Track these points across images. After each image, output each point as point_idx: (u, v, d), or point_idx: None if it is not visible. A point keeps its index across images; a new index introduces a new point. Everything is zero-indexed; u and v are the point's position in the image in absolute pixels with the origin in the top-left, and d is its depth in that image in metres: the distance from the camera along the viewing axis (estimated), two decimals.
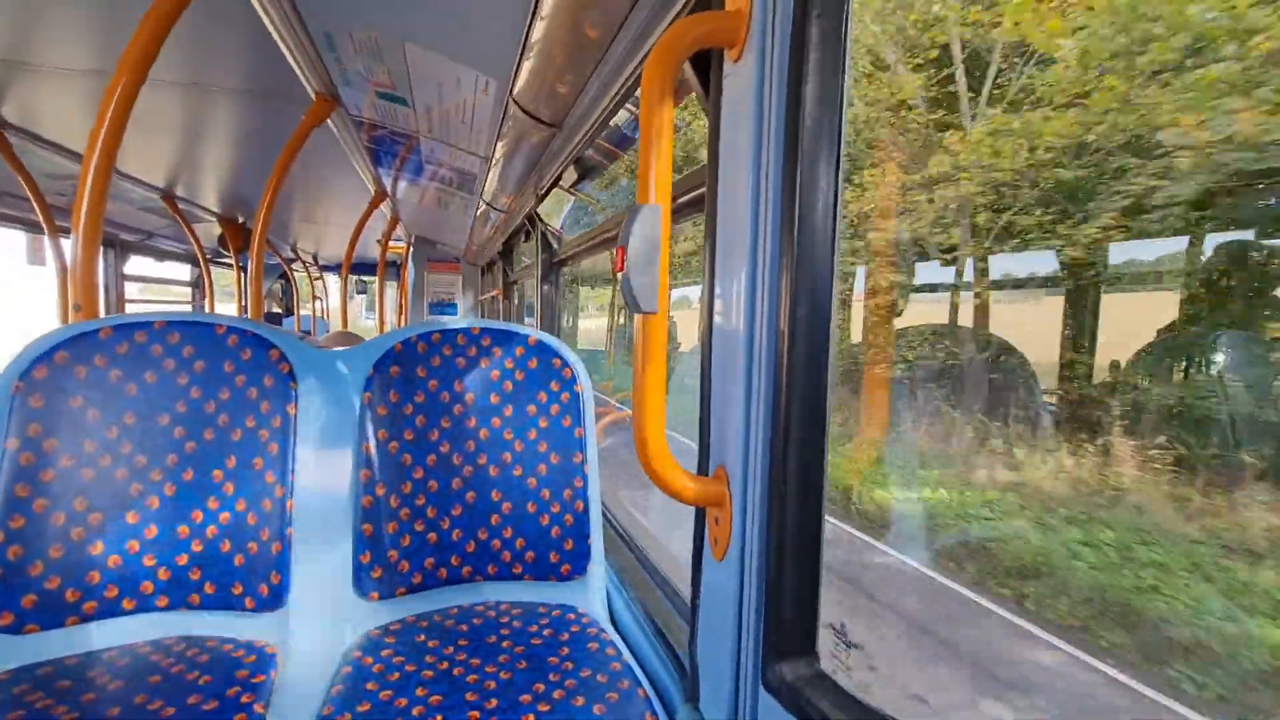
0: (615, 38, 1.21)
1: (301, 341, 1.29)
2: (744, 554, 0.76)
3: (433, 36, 1.59)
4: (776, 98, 0.69)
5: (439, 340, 1.33)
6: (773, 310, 0.70)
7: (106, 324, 1.16)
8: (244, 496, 1.17)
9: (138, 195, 3.86)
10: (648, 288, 0.70)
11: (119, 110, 1.47)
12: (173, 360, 1.18)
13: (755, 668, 0.75)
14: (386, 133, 2.57)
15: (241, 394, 1.20)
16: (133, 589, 1.10)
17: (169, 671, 0.98)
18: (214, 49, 1.88)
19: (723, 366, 0.80)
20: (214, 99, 2.30)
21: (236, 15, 1.56)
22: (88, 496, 1.09)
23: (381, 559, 1.20)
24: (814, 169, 0.67)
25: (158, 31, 1.44)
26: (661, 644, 1.13)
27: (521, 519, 1.29)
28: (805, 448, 0.70)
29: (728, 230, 0.78)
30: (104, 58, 1.92)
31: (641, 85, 0.70)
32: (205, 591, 1.13)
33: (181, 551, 1.13)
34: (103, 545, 1.09)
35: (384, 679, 0.98)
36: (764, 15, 0.69)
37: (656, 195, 0.70)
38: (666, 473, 0.76)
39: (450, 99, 1.96)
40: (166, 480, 1.14)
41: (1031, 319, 5.60)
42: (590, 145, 1.83)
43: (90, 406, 1.12)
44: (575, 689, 0.95)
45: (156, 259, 6.39)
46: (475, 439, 1.30)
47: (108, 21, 1.69)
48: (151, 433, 1.15)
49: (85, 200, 1.49)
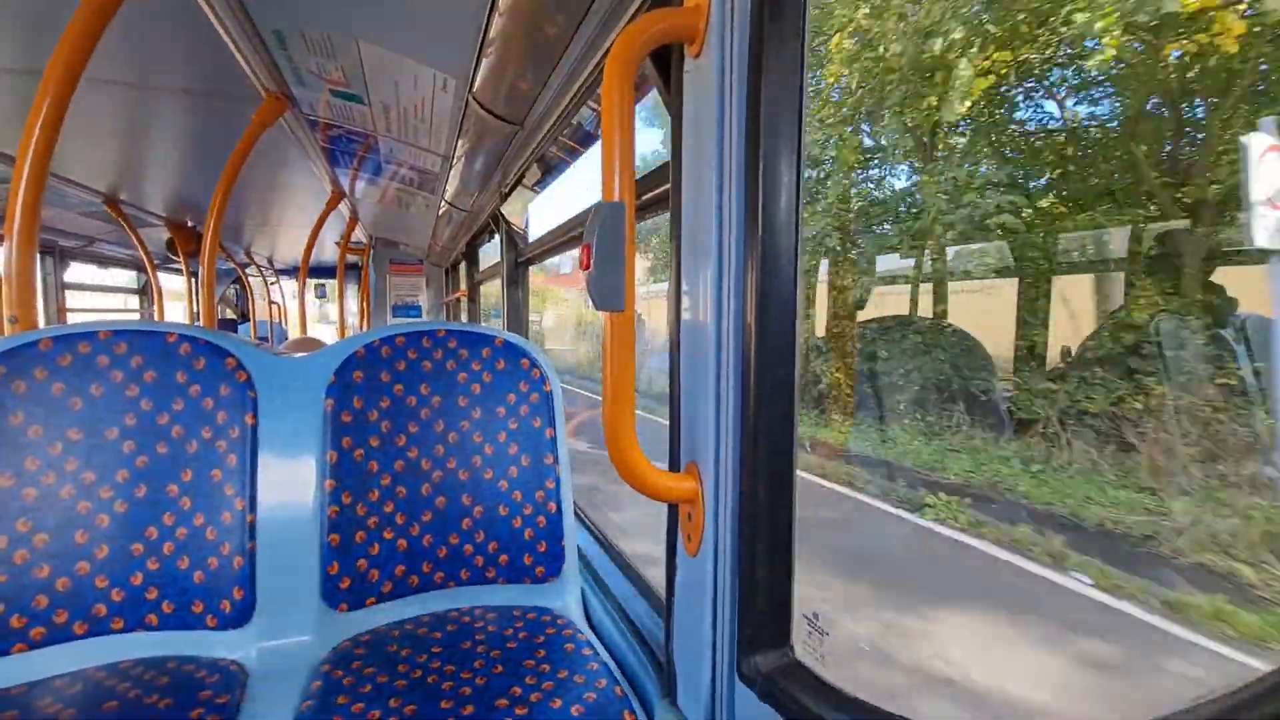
0: (575, 34, 1.20)
1: (258, 348, 1.24)
2: (717, 548, 0.76)
3: (387, 34, 1.56)
4: (737, 93, 0.69)
5: (403, 343, 1.30)
6: (739, 305, 0.71)
7: (46, 335, 1.10)
8: (202, 511, 1.12)
9: (77, 199, 3.67)
10: (614, 285, 0.69)
11: (52, 111, 1.40)
12: (120, 371, 1.13)
13: (730, 660, 0.76)
14: (343, 132, 2.50)
15: (196, 404, 1.16)
16: (84, 612, 1.05)
17: (125, 697, 0.93)
18: (156, 47, 1.80)
19: (691, 362, 0.80)
20: (158, 99, 2.21)
21: (179, 12, 1.50)
22: (30, 517, 1.04)
23: (350, 569, 1.17)
24: (775, 163, 0.67)
25: (91, 28, 1.37)
26: (638, 641, 1.13)
27: (494, 522, 1.27)
28: (774, 440, 0.71)
29: (693, 226, 0.79)
30: (34, 55, 1.82)
31: (603, 82, 0.70)
32: (163, 611, 1.09)
33: (136, 571, 1.08)
34: (49, 568, 1.04)
35: (356, 692, 0.95)
36: (722, 11, 0.69)
37: (620, 192, 0.70)
38: (638, 470, 0.76)
39: (408, 97, 1.92)
40: (117, 497, 1.09)
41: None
42: (553, 143, 1.82)
43: (31, 422, 1.06)
44: (552, 690, 0.95)
45: (100, 266, 6.12)
46: (444, 443, 1.28)
47: (37, 18, 1.61)
48: (99, 448, 1.10)
49: (18, 205, 1.41)
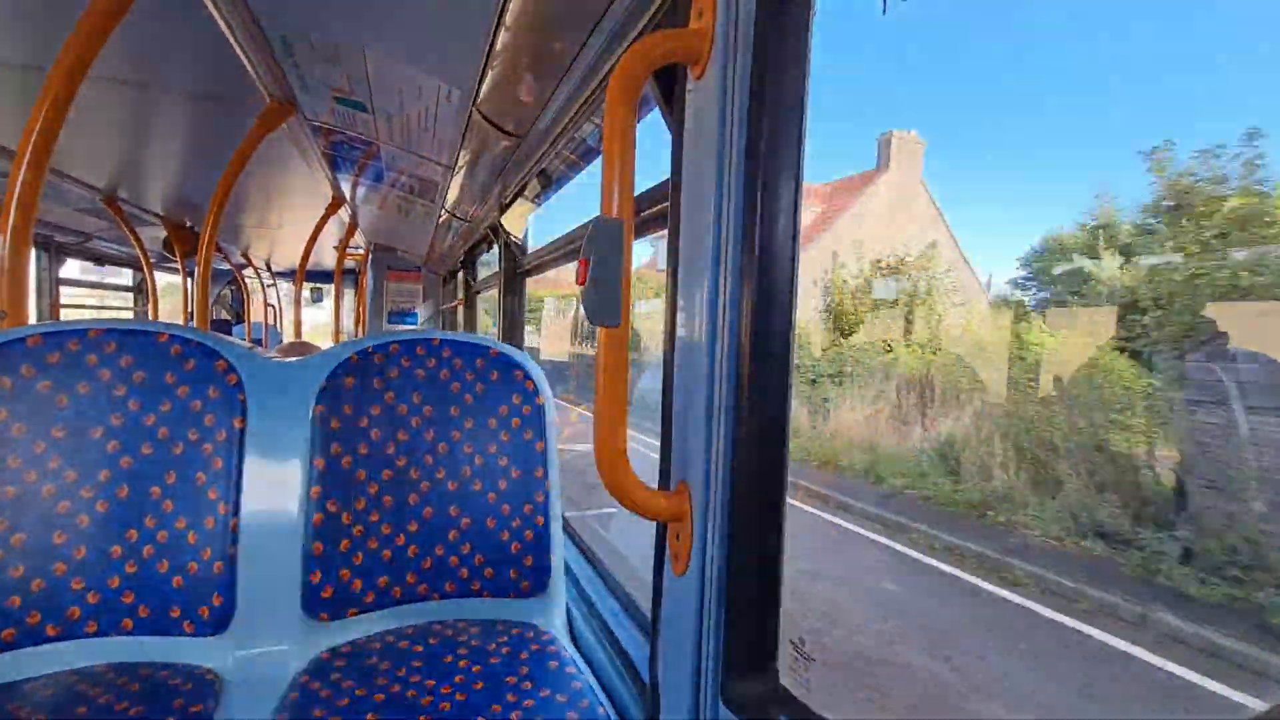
0: (580, 51, 1.21)
1: (251, 351, 1.23)
2: (704, 569, 0.76)
3: (394, 43, 1.57)
4: (739, 115, 0.70)
5: (397, 351, 1.29)
6: (734, 325, 0.71)
7: (36, 331, 1.09)
8: (184, 514, 1.11)
9: (76, 195, 3.67)
10: (610, 301, 0.69)
11: (55, 107, 1.40)
12: (109, 370, 1.11)
13: (715, 683, 0.75)
14: (345, 138, 2.51)
15: (184, 406, 1.14)
16: (58, 614, 1.03)
17: (96, 702, 0.91)
18: (164, 48, 1.81)
19: (685, 381, 0.80)
20: (163, 99, 2.21)
21: (189, 16, 1.51)
22: (8, 516, 1.02)
23: (333, 578, 1.15)
24: (775, 186, 0.68)
25: (100, 27, 1.38)
26: (622, 661, 1.12)
27: (480, 534, 1.26)
28: (766, 462, 0.71)
29: (690, 245, 0.79)
30: (41, 52, 1.83)
31: (606, 99, 0.71)
32: (139, 615, 1.07)
33: (113, 573, 1.06)
34: (24, 568, 1.02)
35: (333, 705, 0.93)
36: (727, 34, 0.70)
37: (619, 209, 0.70)
38: (627, 487, 0.76)
39: (412, 106, 1.93)
40: (98, 497, 1.07)
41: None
42: (554, 157, 1.83)
43: (15, 420, 1.05)
44: (534, 709, 0.93)
45: (96, 263, 6.09)
46: (433, 453, 1.27)
47: (47, 14, 1.61)
48: (83, 447, 1.08)
49: (15, 199, 1.41)
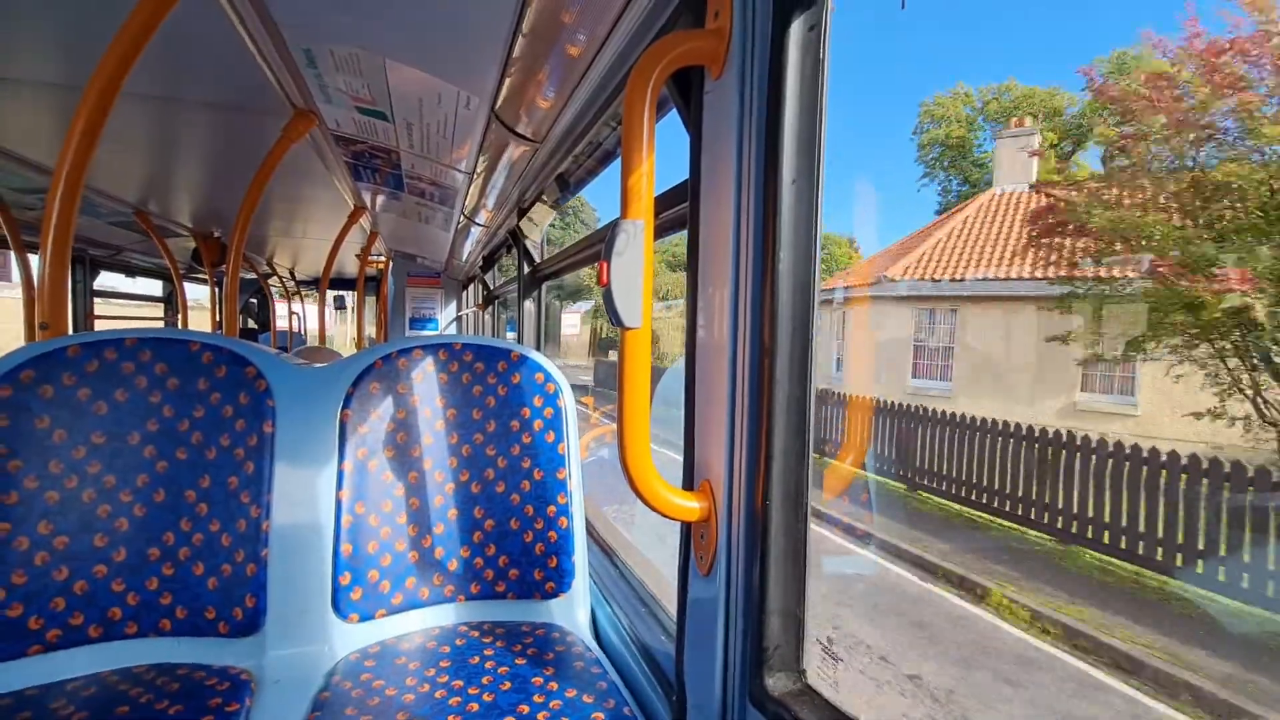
0: (597, 55, 1.22)
1: (279, 358, 1.26)
2: (730, 569, 0.76)
3: (414, 52, 1.59)
4: (757, 115, 0.70)
5: (420, 356, 1.31)
6: (755, 325, 0.71)
7: (74, 341, 1.13)
8: (218, 517, 1.14)
9: (108, 210, 3.78)
10: (631, 302, 0.70)
11: (91, 125, 1.44)
12: (144, 378, 1.15)
13: (742, 683, 0.75)
14: (366, 147, 2.55)
15: (216, 412, 1.17)
16: (100, 615, 1.06)
17: (138, 702, 0.94)
18: (190, 64, 1.86)
19: (706, 381, 0.80)
20: (190, 113, 2.27)
21: (214, 31, 1.55)
22: (53, 520, 1.06)
23: (362, 579, 1.17)
24: (794, 186, 0.68)
25: (131, 47, 1.42)
26: (648, 661, 1.12)
27: (505, 536, 1.27)
28: (788, 461, 0.70)
29: (709, 246, 0.79)
30: (76, 72, 1.89)
31: (624, 102, 0.71)
32: (177, 617, 1.10)
33: (152, 575, 1.09)
34: (68, 570, 1.05)
35: (364, 704, 0.95)
36: (744, 35, 0.70)
37: (639, 211, 0.71)
38: (651, 488, 0.76)
39: (431, 114, 1.95)
40: (136, 501, 1.11)
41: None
42: (572, 160, 1.84)
43: (57, 426, 1.08)
44: (560, 710, 0.94)
45: (127, 275, 6.26)
46: (458, 455, 1.29)
47: (80, 36, 1.67)
48: (121, 453, 1.11)
49: (54, 216, 1.45)
